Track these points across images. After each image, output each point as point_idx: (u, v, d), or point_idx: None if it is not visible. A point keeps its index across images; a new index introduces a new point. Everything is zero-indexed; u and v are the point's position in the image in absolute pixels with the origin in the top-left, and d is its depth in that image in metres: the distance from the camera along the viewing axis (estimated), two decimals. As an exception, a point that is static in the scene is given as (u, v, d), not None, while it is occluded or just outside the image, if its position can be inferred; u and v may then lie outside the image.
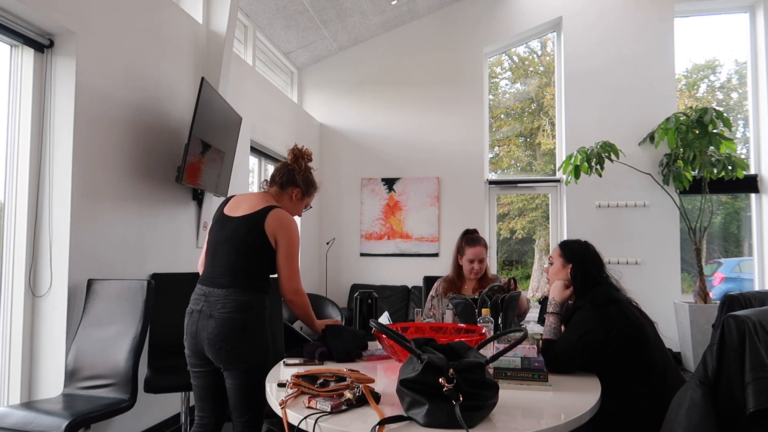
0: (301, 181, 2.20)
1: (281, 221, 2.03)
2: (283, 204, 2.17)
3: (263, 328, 2.04)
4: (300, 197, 2.21)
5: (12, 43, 2.64)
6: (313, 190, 2.27)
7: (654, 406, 1.80)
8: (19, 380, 2.63)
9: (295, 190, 2.19)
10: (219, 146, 3.75)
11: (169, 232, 3.56)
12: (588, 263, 2.11)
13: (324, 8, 5.49)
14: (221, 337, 1.95)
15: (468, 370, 1.32)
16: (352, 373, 1.60)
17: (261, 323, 2.03)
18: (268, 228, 2.01)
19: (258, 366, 1.99)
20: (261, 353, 2.01)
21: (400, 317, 5.78)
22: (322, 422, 1.34)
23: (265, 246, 2.02)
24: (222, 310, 1.97)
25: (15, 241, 2.67)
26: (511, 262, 7.58)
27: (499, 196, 6.55)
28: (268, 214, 2.03)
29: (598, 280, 2.08)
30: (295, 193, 2.19)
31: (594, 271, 2.09)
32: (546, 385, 1.72)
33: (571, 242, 2.22)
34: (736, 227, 6.34)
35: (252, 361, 1.98)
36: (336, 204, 6.50)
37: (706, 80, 6.53)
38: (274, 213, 2.04)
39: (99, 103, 2.92)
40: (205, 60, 3.99)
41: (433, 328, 2.28)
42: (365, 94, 6.50)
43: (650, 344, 1.92)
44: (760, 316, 1.38)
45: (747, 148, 5.97)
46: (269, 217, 2.03)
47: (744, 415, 1.27)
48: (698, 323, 4.86)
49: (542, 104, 6.88)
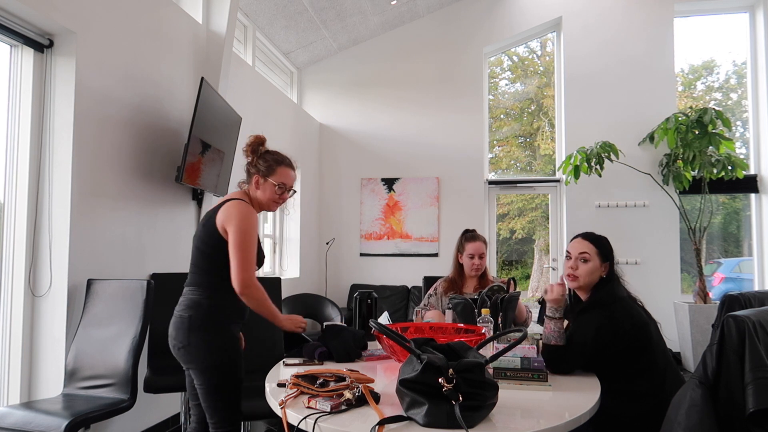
0: (256, 166, 2.08)
1: (229, 211, 1.95)
2: (254, 196, 2.10)
3: (217, 329, 1.94)
4: (263, 180, 2.06)
5: (12, 43, 2.64)
6: (276, 166, 2.08)
7: (654, 406, 1.79)
8: (19, 380, 2.63)
9: (255, 176, 2.08)
10: (219, 146, 3.75)
11: (168, 232, 3.56)
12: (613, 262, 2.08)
13: (324, 8, 5.49)
14: (171, 335, 1.97)
15: (468, 370, 1.32)
16: (351, 373, 1.60)
17: (213, 323, 1.94)
18: (218, 221, 1.96)
19: (215, 367, 1.91)
20: (216, 354, 1.92)
21: (399, 317, 5.78)
22: (322, 422, 1.34)
23: (219, 241, 1.96)
24: (177, 309, 2.00)
25: (15, 241, 2.67)
26: (510, 262, 7.57)
27: (498, 196, 6.55)
28: (221, 208, 1.98)
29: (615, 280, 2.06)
30: (255, 180, 2.08)
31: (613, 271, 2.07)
32: (545, 385, 1.72)
33: (604, 239, 2.12)
34: (735, 227, 6.34)
35: (207, 362, 1.91)
36: (336, 204, 6.50)
37: (705, 80, 6.53)
38: (225, 205, 1.98)
39: (99, 103, 2.92)
40: (205, 60, 3.99)
41: (432, 328, 2.28)
42: (365, 94, 6.50)
43: (653, 345, 1.91)
44: (760, 316, 1.38)
45: (747, 148, 5.97)
46: (221, 210, 1.97)
47: (744, 415, 1.27)
48: (698, 323, 4.86)
49: (542, 104, 6.88)
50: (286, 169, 2.11)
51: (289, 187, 2.13)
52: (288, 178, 2.11)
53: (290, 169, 2.13)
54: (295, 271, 5.84)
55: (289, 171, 2.12)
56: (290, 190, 2.14)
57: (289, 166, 2.13)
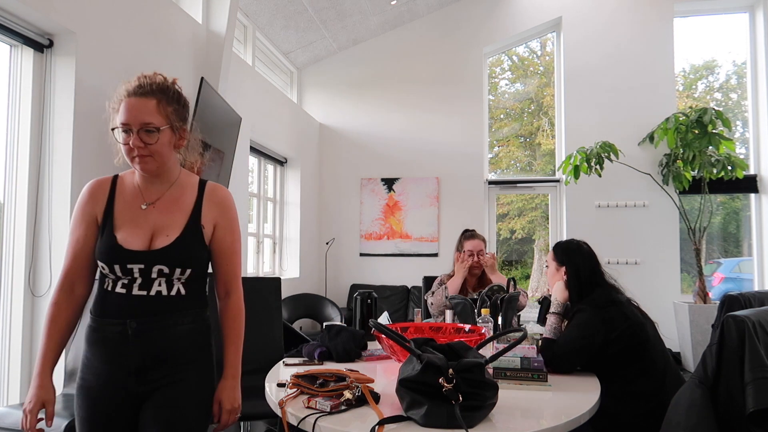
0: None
1: None
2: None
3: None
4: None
5: (11, 43, 2.64)
6: (113, 108, 1.47)
7: (654, 406, 1.79)
8: (19, 380, 2.63)
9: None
10: (218, 146, 3.75)
11: (168, 232, 3.55)
12: (580, 265, 2.10)
13: (324, 8, 5.49)
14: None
15: (467, 370, 1.32)
16: (351, 373, 1.60)
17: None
18: None
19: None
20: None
21: (399, 317, 5.78)
22: (322, 422, 1.34)
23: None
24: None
25: (15, 241, 2.67)
26: (510, 262, 7.57)
27: (498, 196, 6.55)
28: None
29: (594, 281, 2.07)
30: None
31: (586, 272, 2.08)
32: (545, 385, 1.72)
33: (564, 244, 2.20)
34: (735, 227, 6.34)
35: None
36: (335, 204, 6.50)
37: (706, 80, 6.53)
38: None
39: (98, 103, 2.91)
40: (205, 60, 3.99)
41: (432, 328, 2.28)
42: (365, 94, 6.50)
43: (650, 345, 1.92)
44: (760, 316, 1.38)
45: (746, 148, 5.97)
46: None
47: (743, 415, 1.28)
48: (698, 323, 4.86)
49: (542, 104, 6.88)
50: (115, 105, 1.46)
51: (128, 124, 1.40)
52: (124, 115, 1.40)
53: (127, 98, 1.41)
54: (295, 271, 5.84)
55: (124, 102, 1.41)
56: (131, 128, 1.40)
57: (125, 95, 1.42)
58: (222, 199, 1.53)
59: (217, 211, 1.51)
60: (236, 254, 1.54)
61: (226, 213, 1.53)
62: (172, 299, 1.44)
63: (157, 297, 1.42)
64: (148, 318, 1.40)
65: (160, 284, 1.42)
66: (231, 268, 1.53)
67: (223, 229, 1.52)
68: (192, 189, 1.53)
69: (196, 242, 1.46)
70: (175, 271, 1.42)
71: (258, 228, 5.40)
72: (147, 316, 1.40)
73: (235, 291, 1.54)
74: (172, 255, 1.42)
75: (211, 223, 1.50)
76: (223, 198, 1.54)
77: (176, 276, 1.43)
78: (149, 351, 1.40)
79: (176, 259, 1.42)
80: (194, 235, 1.46)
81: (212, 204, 1.51)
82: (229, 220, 1.53)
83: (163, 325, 1.42)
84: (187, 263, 1.43)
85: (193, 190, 1.53)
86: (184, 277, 1.45)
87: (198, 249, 1.47)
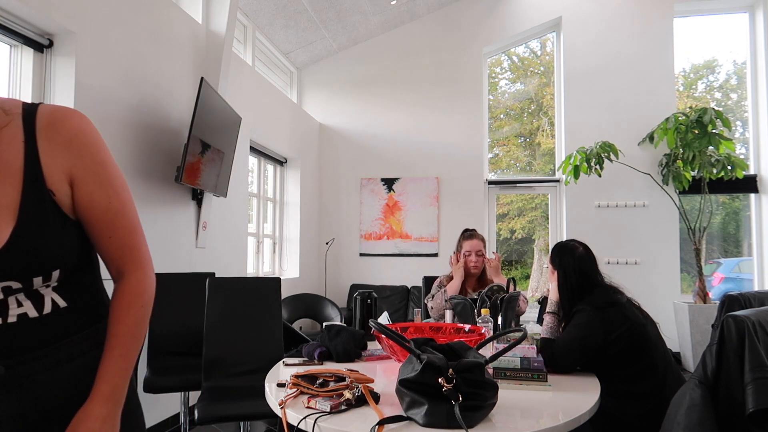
0: None
1: None
2: None
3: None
4: None
5: (11, 43, 2.64)
6: None
7: (654, 406, 1.79)
8: (19, 380, 2.61)
9: None
10: (218, 146, 3.75)
11: (168, 232, 3.56)
12: (568, 267, 2.09)
13: (324, 8, 5.49)
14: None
15: (467, 370, 1.32)
16: (351, 373, 1.59)
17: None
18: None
19: None
20: None
21: (399, 317, 5.78)
22: (322, 422, 1.34)
23: None
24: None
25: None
26: (510, 262, 7.57)
27: (498, 196, 6.55)
28: None
29: (587, 283, 2.06)
30: None
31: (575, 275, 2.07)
32: (545, 385, 1.72)
33: (559, 245, 2.19)
34: (735, 227, 6.34)
35: None
36: (335, 204, 6.50)
37: (707, 80, 6.53)
38: None
39: (98, 103, 2.92)
40: (205, 60, 3.99)
41: (432, 328, 2.28)
42: (365, 94, 6.50)
43: (651, 346, 1.92)
44: (760, 316, 1.38)
45: (746, 148, 5.97)
46: None
47: (743, 415, 1.28)
48: (698, 323, 4.86)
49: (542, 104, 6.88)
50: None
51: None
52: None
53: None
54: (295, 271, 5.84)
55: None
56: None
57: None
58: (71, 132, 0.91)
59: (68, 155, 0.90)
60: (122, 214, 0.96)
61: (85, 153, 0.92)
62: (49, 320, 0.91)
63: (21, 324, 0.88)
64: (20, 358, 0.88)
65: (19, 304, 0.88)
66: (118, 237, 0.95)
67: (88, 183, 0.92)
68: (17, 131, 0.88)
69: (47, 224, 0.87)
70: (32, 281, 0.87)
71: (258, 228, 5.40)
72: (15, 356, 0.88)
73: (133, 269, 0.97)
74: (14, 259, 0.84)
75: (64, 180, 0.90)
76: (73, 130, 0.92)
77: (38, 286, 0.89)
78: (30, 407, 0.90)
79: (23, 263, 0.85)
80: (41, 213, 0.87)
81: (55, 146, 0.90)
82: (94, 163, 0.93)
83: (46, 364, 0.90)
84: (44, 264, 0.87)
85: (18, 132, 0.88)
86: (53, 281, 0.91)
87: (54, 234, 0.88)
